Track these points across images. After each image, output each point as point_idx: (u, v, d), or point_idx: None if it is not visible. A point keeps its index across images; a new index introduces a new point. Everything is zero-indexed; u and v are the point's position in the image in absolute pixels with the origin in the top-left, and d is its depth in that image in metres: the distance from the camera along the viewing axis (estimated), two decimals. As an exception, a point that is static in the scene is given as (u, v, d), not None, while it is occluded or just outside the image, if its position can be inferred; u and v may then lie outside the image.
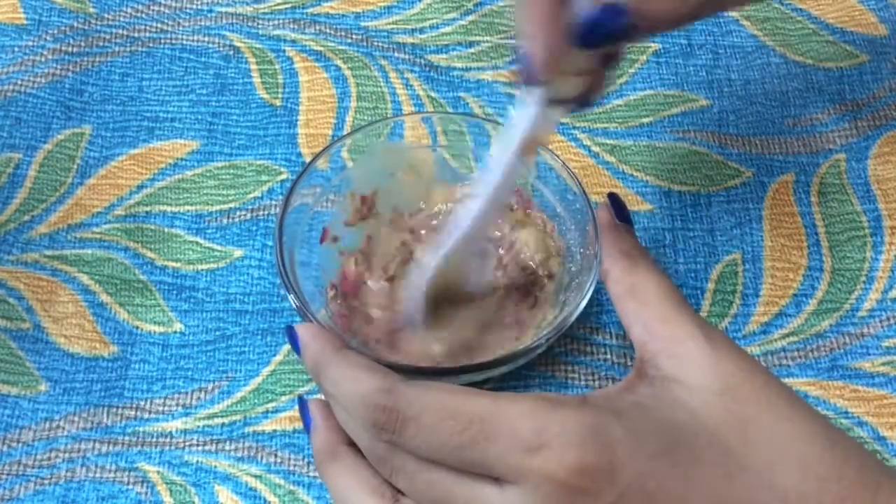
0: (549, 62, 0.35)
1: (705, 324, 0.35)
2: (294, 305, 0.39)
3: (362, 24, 0.54)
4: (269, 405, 0.41)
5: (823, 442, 0.32)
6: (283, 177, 0.48)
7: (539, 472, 0.30)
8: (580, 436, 0.30)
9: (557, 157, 0.43)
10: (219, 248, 0.46)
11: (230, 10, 0.54)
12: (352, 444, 0.35)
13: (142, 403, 0.42)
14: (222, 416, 0.41)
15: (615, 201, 0.41)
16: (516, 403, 0.31)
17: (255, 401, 0.42)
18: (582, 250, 0.42)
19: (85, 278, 0.45)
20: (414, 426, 0.31)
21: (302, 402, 0.37)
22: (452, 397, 0.32)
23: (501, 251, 0.44)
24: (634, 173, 0.49)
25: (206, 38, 0.53)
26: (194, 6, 0.54)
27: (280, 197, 0.47)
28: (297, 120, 0.50)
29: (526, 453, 0.30)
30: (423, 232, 0.45)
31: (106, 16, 0.54)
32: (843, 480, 0.31)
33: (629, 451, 0.30)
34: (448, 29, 0.54)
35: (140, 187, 0.48)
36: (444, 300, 0.42)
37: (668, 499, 0.30)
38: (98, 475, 0.40)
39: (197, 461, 0.40)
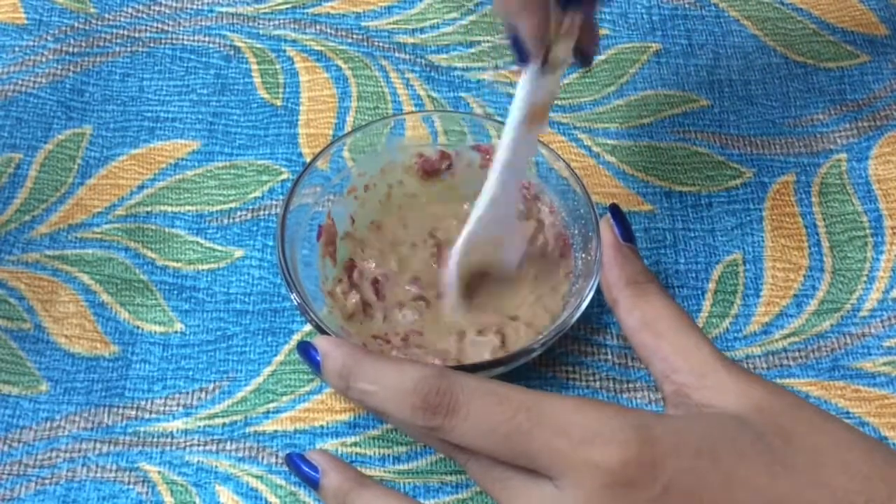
0: (539, 38, 0.35)
1: (720, 352, 0.35)
2: (296, 303, 0.39)
3: (363, 24, 0.54)
4: (270, 405, 0.41)
5: (862, 446, 0.32)
6: (284, 177, 0.48)
7: (586, 463, 0.30)
8: (624, 432, 0.31)
9: (560, 158, 0.43)
10: (219, 248, 0.46)
11: (231, 10, 0.54)
12: None
13: (143, 403, 0.42)
14: (223, 417, 0.41)
15: (618, 215, 0.40)
16: (561, 399, 0.32)
17: (256, 401, 0.42)
18: (583, 254, 0.42)
19: (86, 278, 0.45)
20: (465, 409, 0.32)
21: (293, 457, 0.37)
22: (501, 386, 0.32)
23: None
24: (635, 173, 0.49)
25: (207, 38, 0.53)
26: (195, 6, 0.54)
27: (281, 197, 0.47)
28: (297, 120, 0.50)
29: (572, 445, 0.31)
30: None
31: (107, 16, 0.54)
32: (888, 480, 0.31)
33: (671, 447, 0.31)
34: (448, 29, 0.54)
35: (141, 187, 0.48)
36: (480, 278, 0.42)
37: (711, 495, 0.30)
38: (99, 475, 0.40)
39: (198, 461, 0.40)
